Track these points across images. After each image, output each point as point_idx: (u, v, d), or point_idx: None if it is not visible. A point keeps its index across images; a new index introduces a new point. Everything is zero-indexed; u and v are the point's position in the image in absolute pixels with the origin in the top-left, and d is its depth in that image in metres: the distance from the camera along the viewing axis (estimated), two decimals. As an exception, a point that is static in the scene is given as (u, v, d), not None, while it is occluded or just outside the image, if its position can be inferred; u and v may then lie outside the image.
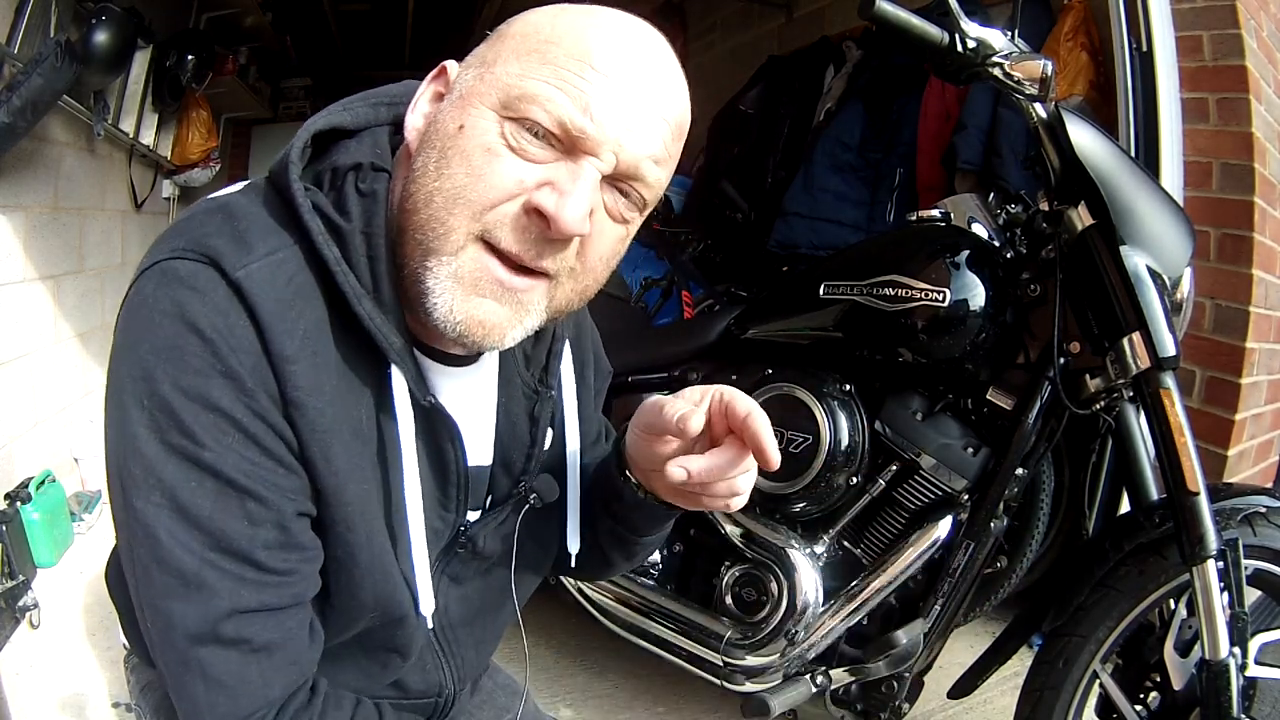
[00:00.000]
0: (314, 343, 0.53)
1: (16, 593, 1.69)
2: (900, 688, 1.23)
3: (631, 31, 0.55)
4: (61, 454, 2.30)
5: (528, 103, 0.52)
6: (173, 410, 0.49)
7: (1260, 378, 1.80)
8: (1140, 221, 1.04)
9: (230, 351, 0.49)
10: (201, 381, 0.49)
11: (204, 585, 0.50)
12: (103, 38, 2.08)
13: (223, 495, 0.50)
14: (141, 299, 0.51)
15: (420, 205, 0.54)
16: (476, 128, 0.53)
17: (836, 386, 1.29)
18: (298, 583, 0.55)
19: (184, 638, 0.50)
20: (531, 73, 0.52)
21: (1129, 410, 1.11)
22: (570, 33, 0.53)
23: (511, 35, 0.56)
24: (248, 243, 0.52)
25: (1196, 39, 1.73)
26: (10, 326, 2.05)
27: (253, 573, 0.52)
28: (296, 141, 0.56)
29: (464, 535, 0.67)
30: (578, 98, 0.51)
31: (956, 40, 1.00)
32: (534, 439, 0.70)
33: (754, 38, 3.60)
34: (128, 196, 2.98)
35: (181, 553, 0.50)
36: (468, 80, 0.55)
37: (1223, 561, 0.94)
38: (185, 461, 0.49)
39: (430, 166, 0.54)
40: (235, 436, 0.50)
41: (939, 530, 1.20)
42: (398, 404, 0.57)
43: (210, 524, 0.50)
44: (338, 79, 5.28)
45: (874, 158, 2.52)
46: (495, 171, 0.52)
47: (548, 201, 0.51)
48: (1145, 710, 1.06)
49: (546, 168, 0.52)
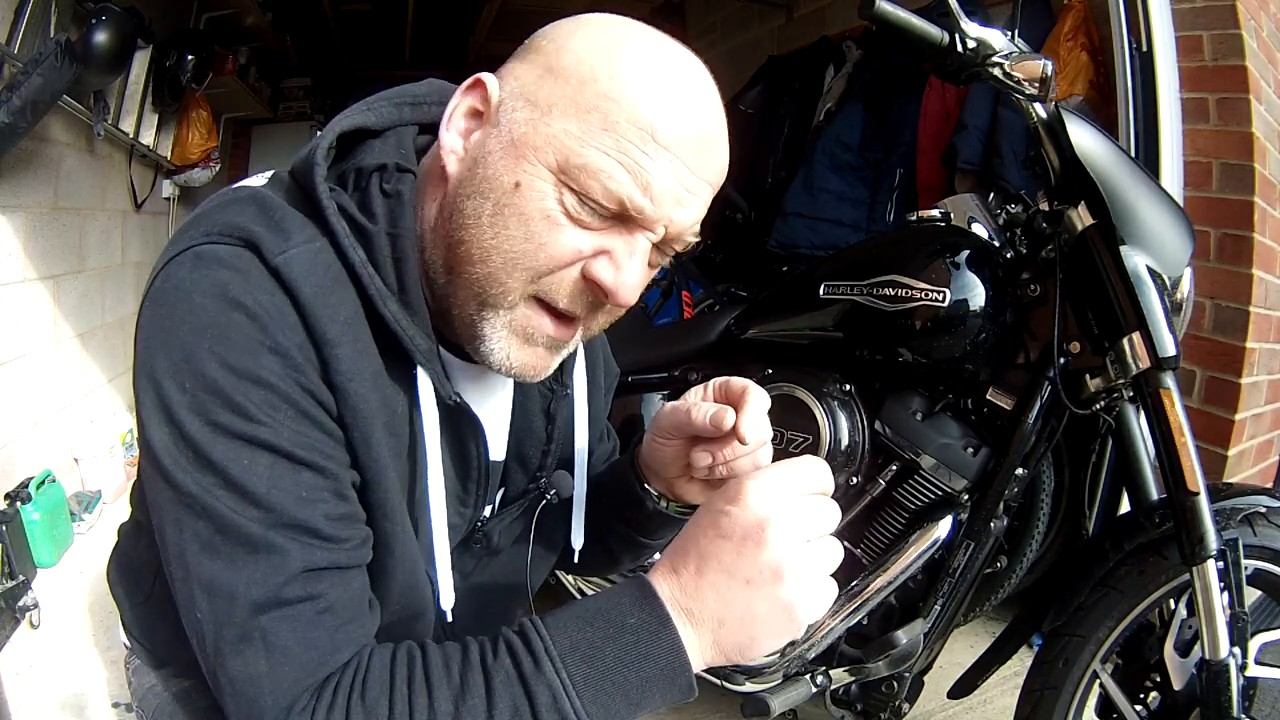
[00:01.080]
0: (354, 329, 0.52)
1: (16, 593, 1.69)
2: (900, 688, 1.23)
3: (692, 89, 0.54)
4: (61, 454, 2.30)
5: (589, 176, 0.51)
6: (220, 389, 0.48)
7: (1260, 378, 1.80)
8: (1140, 221, 1.04)
9: (277, 327, 0.49)
10: (249, 358, 0.48)
11: (273, 547, 0.49)
12: (103, 38, 2.08)
13: (277, 468, 0.49)
14: (175, 283, 0.50)
15: (475, 259, 0.54)
16: (534, 190, 0.52)
17: (836, 386, 1.29)
18: (359, 547, 0.54)
19: (248, 607, 0.48)
20: (593, 138, 0.51)
21: (1129, 410, 1.11)
22: (633, 89, 0.51)
23: (567, 76, 0.52)
24: (285, 230, 0.51)
25: (1196, 39, 1.73)
26: (10, 326, 2.05)
27: (317, 540, 0.50)
28: (321, 141, 0.56)
29: (480, 530, 0.68)
30: (639, 175, 0.51)
31: (956, 40, 1.00)
32: (550, 436, 0.72)
33: (754, 38, 3.60)
34: (128, 196, 2.98)
35: (244, 521, 0.48)
36: (518, 123, 0.53)
37: (1223, 561, 0.94)
38: (236, 440, 0.48)
39: (485, 220, 0.53)
40: (286, 411, 0.49)
41: (939, 530, 1.20)
42: (423, 403, 0.57)
43: (268, 498, 0.49)
44: (338, 79, 5.30)
45: (874, 158, 2.53)
46: (555, 241, 0.53)
47: (606, 275, 0.54)
48: (1145, 710, 1.06)
49: (602, 236, 0.54)
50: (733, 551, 0.50)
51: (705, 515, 0.52)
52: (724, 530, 0.50)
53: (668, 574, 0.51)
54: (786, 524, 0.49)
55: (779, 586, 0.49)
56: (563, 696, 0.48)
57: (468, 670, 0.49)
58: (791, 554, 0.49)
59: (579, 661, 0.48)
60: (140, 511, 0.70)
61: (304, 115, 4.88)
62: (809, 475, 0.52)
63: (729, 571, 0.50)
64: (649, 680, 0.49)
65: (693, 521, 0.52)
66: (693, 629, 0.50)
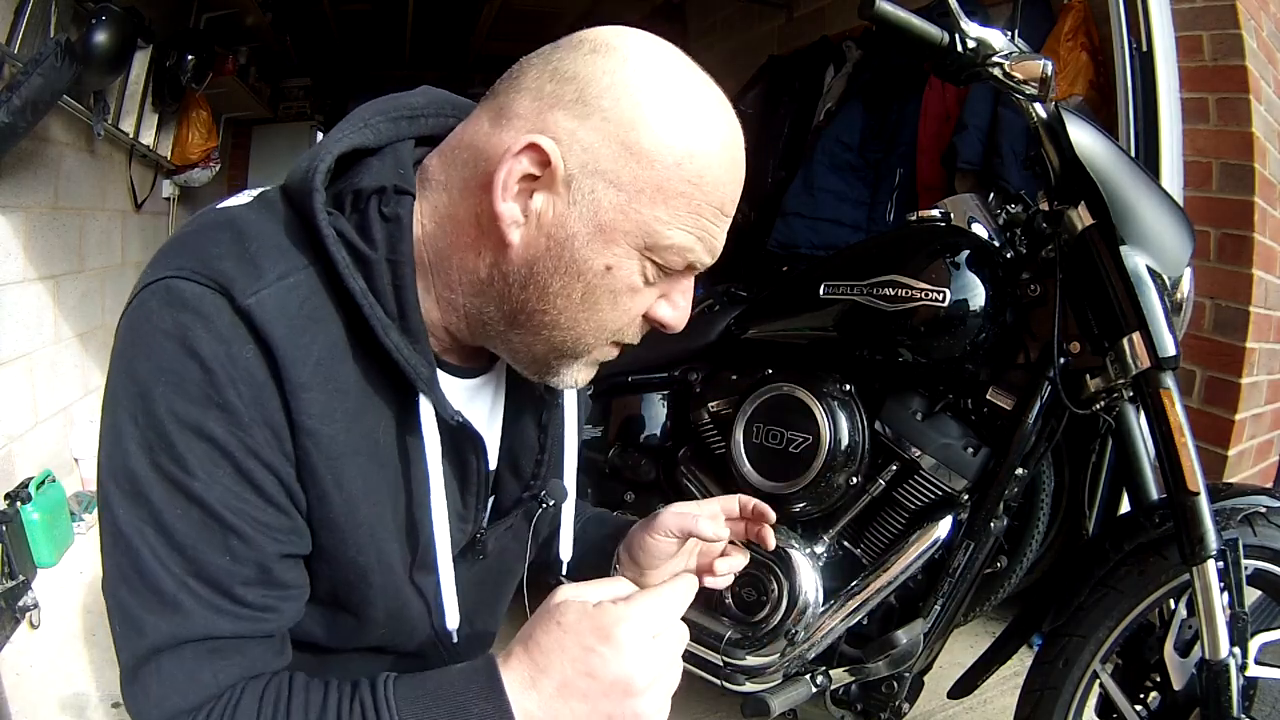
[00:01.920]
0: (327, 368, 0.52)
1: (16, 593, 1.69)
2: (900, 688, 1.23)
3: (740, 147, 0.57)
4: (61, 454, 2.30)
5: (674, 253, 0.55)
6: (166, 434, 0.49)
7: (1260, 378, 1.80)
8: (1140, 221, 1.04)
9: (229, 383, 0.49)
10: (198, 411, 0.49)
11: (180, 608, 0.50)
12: (103, 38, 2.08)
13: (207, 527, 0.50)
14: (144, 314, 0.50)
15: (563, 326, 0.57)
16: (623, 269, 0.55)
17: (836, 386, 1.29)
18: (273, 619, 0.54)
19: (149, 646, 0.50)
20: (679, 221, 0.54)
21: (1129, 410, 1.11)
22: (711, 171, 0.54)
23: (650, 161, 0.52)
24: (259, 266, 0.51)
25: (1196, 39, 1.73)
26: (10, 326, 2.05)
27: (229, 605, 0.51)
28: (319, 165, 0.54)
29: (479, 540, 0.69)
30: (710, 245, 0.57)
31: (956, 40, 1.00)
32: (543, 445, 0.72)
33: (754, 38, 3.60)
34: (128, 196, 2.98)
35: (162, 572, 0.50)
36: (603, 207, 0.53)
37: (1223, 561, 0.94)
38: (173, 487, 0.49)
39: (576, 299, 0.56)
40: (226, 469, 0.50)
41: (939, 530, 1.20)
42: (425, 429, 0.58)
43: (193, 551, 0.50)
44: (338, 79, 5.29)
45: (874, 158, 2.52)
46: (636, 306, 0.58)
47: (669, 316, 0.60)
48: (1145, 710, 1.06)
49: (662, 283, 0.58)
50: (597, 695, 0.50)
51: (572, 640, 0.51)
52: (593, 669, 0.50)
53: (524, 684, 0.50)
54: (654, 673, 0.51)
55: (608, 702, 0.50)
56: None
57: (324, 714, 0.51)
58: (656, 704, 0.51)
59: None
60: None
61: (304, 115, 4.88)
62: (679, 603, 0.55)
63: (586, 713, 0.50)
64: None
65: (558, 630, 0.51)
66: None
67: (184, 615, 0.50)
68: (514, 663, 0.51)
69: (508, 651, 0.53)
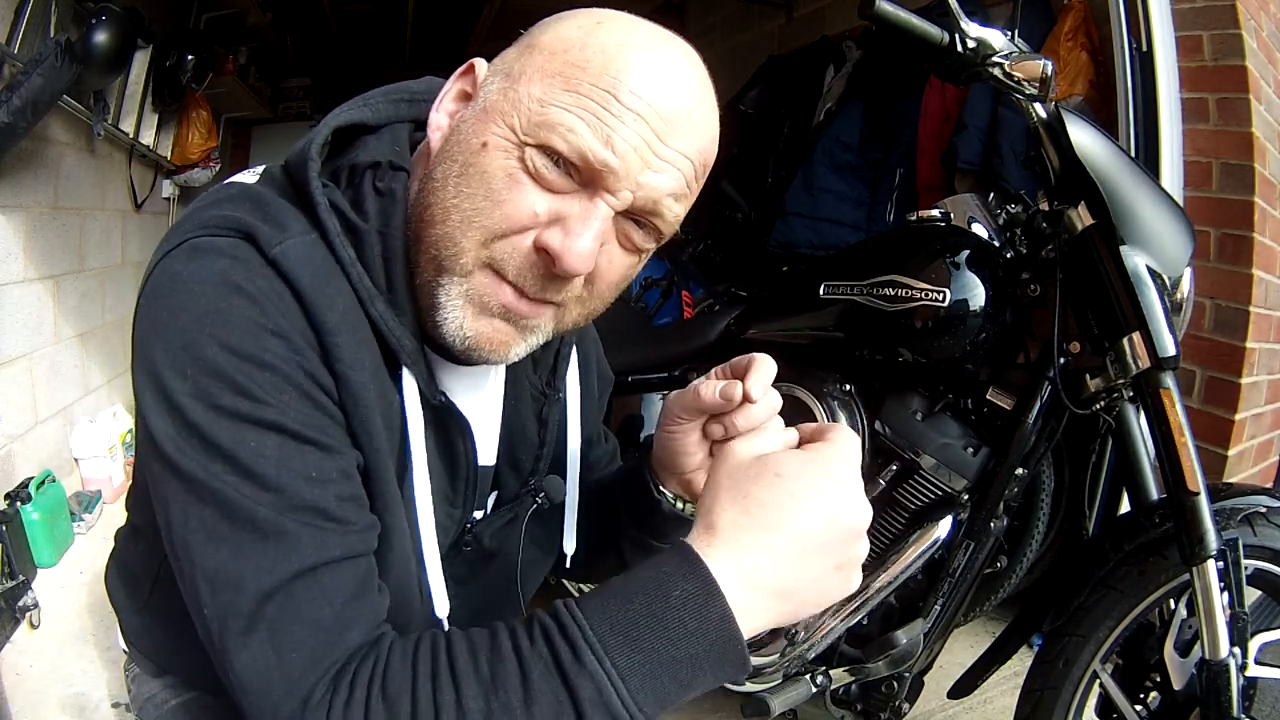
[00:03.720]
0: (353, 319, 0.52)
1: (16, 593, 1.69)
2: (900, 688, 1.23)
3: (665, 60, 0.52)
4: (61, 454, 2.30)
5: (549, 130, 0.50)
6: (222, 372, 0.47)
7: (1260, 378, 1.80)
8: (1140, 221, 1.04)
9: (278, 311, 0.49)
10: (251, 340, 0.48)
11: (284, 536, 0.47)
12: (103, 38, 2.08)
13: (285, 449, 0.48)
14: (171, 275, 0.50)
15: (437, 219, 0.53)
16: (499, 148, 0.52)
17: (836, 386, 1.29)
18: (369, 530, 0.53)
19: (254, 597, 0.46)
20: (555, 98, 0.51)
21: (1129, 410, 1.11)
22: (600, 57, 0.51)
23: (541, 49, 0.53)
24: (280, 222, 0.52)
25: (1196, 39, 1.73)
26: (10, 326, 2.05)
27: (331, 524, 0.49)
28: (316, 136, 0.55)
29: (470, 533, 0.68)
30: (600, 130, 0.50)
31: (956, 40, 1.00)
32: (542, 440, 0.71)
33: (754, 38, 3.60)
34: (128, 196, 2.98)
35: (255, 507, 0.47)
36: (492, 92, 0.54)
37: (1223, 561, 0.94)
38: (242, 422, 0.47)
39: (450, 181, 0.53)
40: (291, 393, 0.49)
41: (939, 530, 1.20)
42: (408, 404, 0.57)
43: (278, 480, 0.47)
44: (338, 79, 5.29)
45: (874, 158, 2.52)
46: (512, 200, 0.51)
47: (554, 241, 0.51)
48: (1145, 710, 1.06)
49: (562, 200, 0.52)
50: (835, 543, 0.47)
51: (804, 487, 0.47)
52: (835, 514, 0.47)
53: (748, 551, 0.46)
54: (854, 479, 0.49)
55: (843, 547, 0.48)
56: (608, 689, 0.44)
57: (498, 661, 0.46)
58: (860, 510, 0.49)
59: (621, 645, 0.44)
60: (137, 516, 0.70)
61: (304, 115, 4.88)
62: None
63: (821, 568, 0.48)
64: (698, 658, 0.45)
65: (780, 481, 0.48)
66: (742, 594, 0.46)
67: (291, 543, 0.47)
68: (727, 531, 0.47)
69: (710, 524, 0.48)
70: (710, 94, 0.55)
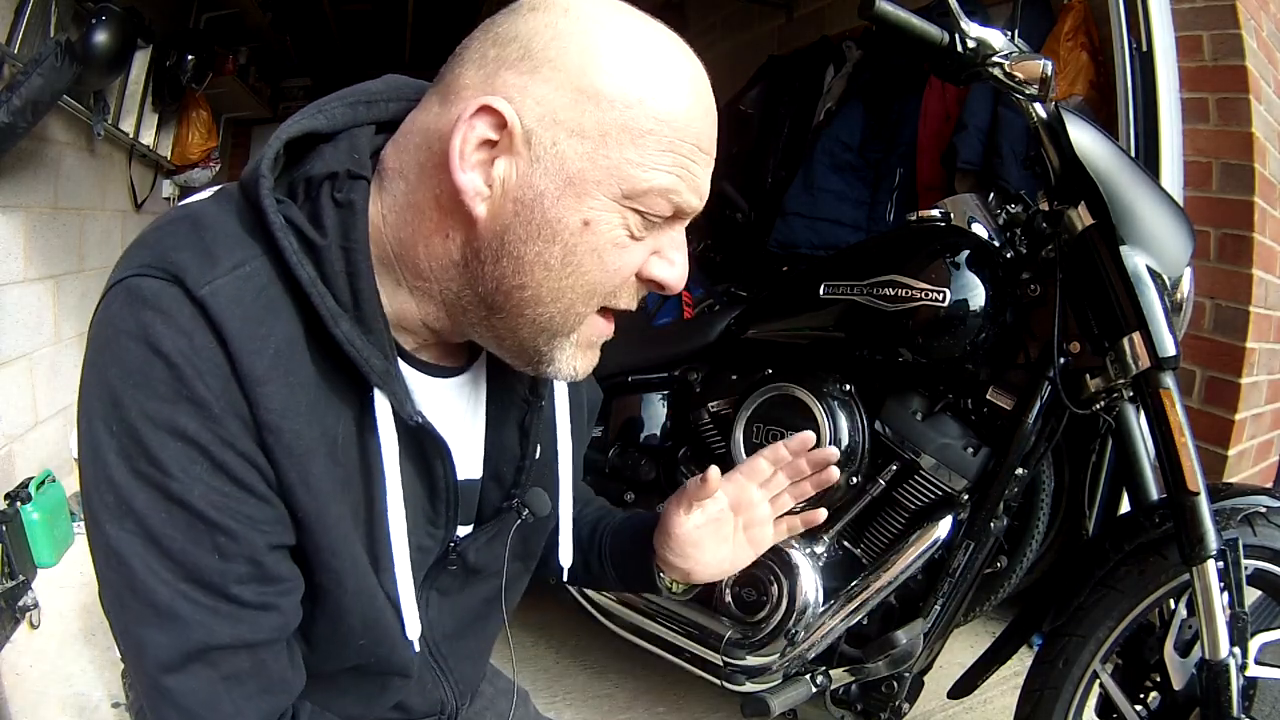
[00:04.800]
0: (286, 360, 0.50)
1: (16, 593, 1.69)
2: (900, 688, 1.23)
3: (705, 83, 0.55)
4: (61, 454, 2.30)
5: (656, 197, 0.52)
6: (140, 438, 0.47)
7: (1260, 378, 1.80)
8: (1140, 221, 1.04)
9: (196, 375, 0.47)
10: (168, 409, 0.47)
11: (177, 617, 0.49)
12: (103, 38, 2.08)
13: (193, 527, 0.48)
14: (108, 318, 0.49)
15: (547, 299, 0.54)
16: (603, 223, 0.52)
17: (836, 386, 1.29)
18: (274, 617, 0.53)
19: (154, 666, 0.49)
20: (654, 162, 0.51)
21: (1129, 410, 1.11)
22: (678, 106, 0.52)
23: (611, 101, 0.50)
24: (213, 255, 0.49)
25: (1196, 39, 1.73)
26: (10, 326, 2.05)
27: (226, 606, 0.50)
28: (268, 150, 0.52)
29: (454, 551, 0.66)
30: (692, 183, 0.53)
31: (956, 40, 1.00)
32: (524, 451, 0.69)
33: (754, 38, 3.60)
34: (128, 196, 2.98)
35: (155, 582, 0.48)
36: (570, 158, 0.50)
37: (1223, 561, 0.94)
38: (155, 491, 0.48)
39: (555, 264, 0.52)
40: (203, 465, 0.48)
41: (939, 530, 1.20)
42: (381, 427, 0.54)
43: (182, 555, 0.48)
44: (338, 79, 5.28)
45: (874, 158, 2.52)
46: (624, 263, 0.54)
47: (666, 274, 0.56)
48: (1145, 710, 1.06)
49: (655, 236, 0.56)
50: None
51: None
52: None
53: None
54: None
55: None
56: None
57: None
58: None
59: None
60: None
61: (304, 115, 4.87)
62: None
63: None
64: None
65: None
66: None
67: (181, 624, 0.49)
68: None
69: None
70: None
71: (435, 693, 0.71)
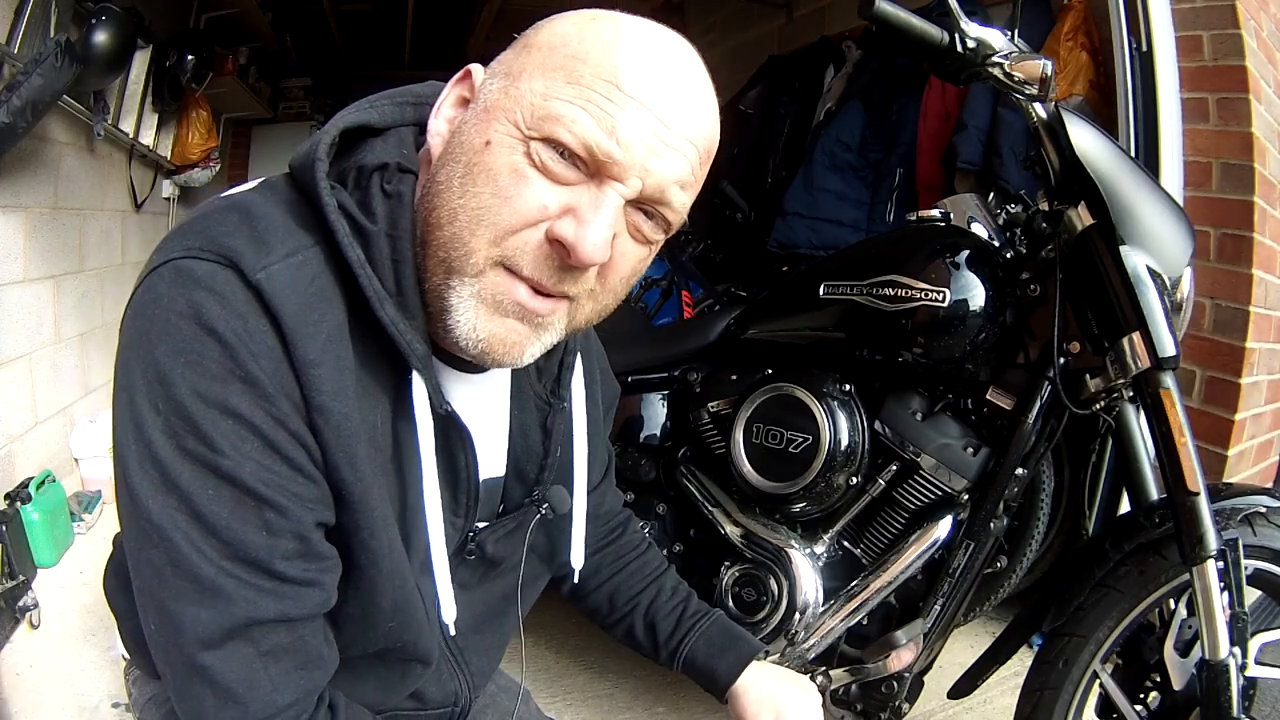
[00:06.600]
0: (336, 345, 0.51)
1: (16, 593, 1.69)
2: (900, 688, 1.23)
3: (663, 50, 0.53)
4: (61, 454, 2.30)
5: (553, 123, 0.51)
6: (190, 416, 0.48)
7: (1260, 378, 1.80)
8: (1140, 221, 1.04)
9: (250, 357, 0.48)
10: (220, 387, 0.48)
11: (220, 592, 0.49)
12: (103, 38, 2.08)
13: (240, 504, 0.49)
14: (154, 297, 0.49)
15: (444, 221, 0.53)
16: (502, 145, 0.52)
17: (836, 386, 1.29)
18: (316, 593, 0.54)
19: (193, 642, 0.49)
20: (557, 91, 0.51)
21: (1129, 410, 1.11)
22: (599, 49, 0.52)
23: (538, 46, 0.54)
24: (267, 243, 0.50)
25: (1196, 39, 1.73)
26: (10, 326, 2.05)
27: (270, 582, 0.51)
28: (324, 137, 0.55)
29: (473, 541, 0.68)
30: (604, 120, 0.50)
31: (956, 40, 1.00)
32: (546, 450, 0.71)
33: (754, 38, 3.60)
34: (128, 196, 2.98)
35: (198, 558, 0.48)
36: (492, 91, 0.54)
37: (1223, 561, 0.94)
38: (202, 468, 0.48)
39: (455, 182, 0.53)
40: (254, 444, 0.49)
41: (939, 530, 1.20)
42: (418, 411, 0.57)
43: (228, 532, 0.49)
44: (338, 79, 5.29)
45: (874, 158, 2.53)
46: (520, 195, 0.51)
47: (568, 231, 0.51)
48: (1145, 710, 1.06)
49: (570, 191, 0.52)
50: None
51: None
52: None
53: None
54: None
55: None
56: None
57: None
58: None
59: None
60: None
61: (304, 115, 4.87)
62: None
63: None
64: None
65: None
66: None
67: (225, 599, 0.49)
68: None
69: None
70: (709, 83, 0.56)
71: (451, 684, 0.72)
